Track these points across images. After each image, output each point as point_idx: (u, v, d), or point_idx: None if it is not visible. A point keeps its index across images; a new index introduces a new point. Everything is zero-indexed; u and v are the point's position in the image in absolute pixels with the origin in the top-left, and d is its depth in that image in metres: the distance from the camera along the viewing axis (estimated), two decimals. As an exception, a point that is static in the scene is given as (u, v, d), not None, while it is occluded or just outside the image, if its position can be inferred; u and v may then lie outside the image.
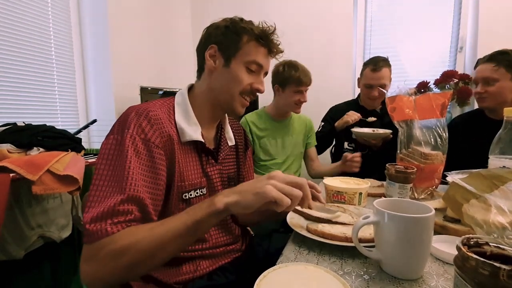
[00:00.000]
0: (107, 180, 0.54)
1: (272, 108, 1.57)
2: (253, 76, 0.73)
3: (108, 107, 1.80)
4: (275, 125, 1.56)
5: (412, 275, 0.48)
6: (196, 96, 0.74)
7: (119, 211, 0.51)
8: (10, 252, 1.04)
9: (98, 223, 0.50)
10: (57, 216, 1.21)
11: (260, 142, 1.54)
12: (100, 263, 0.49)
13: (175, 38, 2.44)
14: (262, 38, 0.72)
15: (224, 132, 0.80)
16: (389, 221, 0.47)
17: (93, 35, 1.77)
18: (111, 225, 0.50)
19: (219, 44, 0.72)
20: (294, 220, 0.70)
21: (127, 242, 0.49)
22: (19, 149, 1.04)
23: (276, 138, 1.56)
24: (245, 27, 0.71)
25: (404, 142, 0.93)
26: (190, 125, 0.69)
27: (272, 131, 1.56)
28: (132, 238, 0.49)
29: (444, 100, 0.92)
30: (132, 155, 0.56)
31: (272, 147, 1.56)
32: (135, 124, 0.59)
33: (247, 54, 0.71)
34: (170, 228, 0.51)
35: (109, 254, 0.49)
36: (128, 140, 0.57)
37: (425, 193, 0.90)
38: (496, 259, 0.32)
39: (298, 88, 1.42)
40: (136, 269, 0.51)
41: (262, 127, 1.55)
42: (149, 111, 0.63)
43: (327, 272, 0.45)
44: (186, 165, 0.68)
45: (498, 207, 0.50)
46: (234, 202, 0.50)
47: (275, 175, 0.52)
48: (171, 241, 0.50)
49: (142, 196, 0.54)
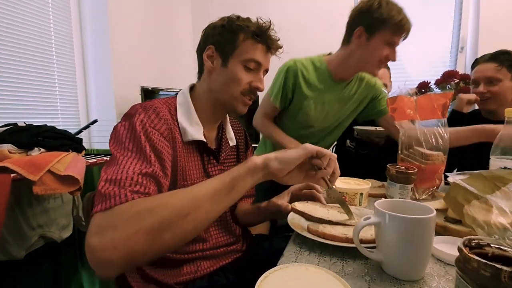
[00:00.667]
0: (128, 150, 0.53)
1: (338, 63, 1.15)
2: (251, 74, 0.72)
3: (109, 108, 1.80)
4: (331, 86, 1.18)
5: (413, 276, 0.47)
6: (197, 96, 0.74)
7: (139, 182, 0.48)
8: (11, 252, 1.04)
9: (116, 187, 0.45)
10: (57, 216, 1.21)
11: (302, 103, 1.18)
12: (117, 230, 0.41)
13: (176, 38, 2.44)
14: (259, 35, 0.70)
15: (225, 132, 0.80)
16: (390, 222, 0.47)
17: (93, 36, 1.78)
18: (131, 192, 0.46)
19: (216, 44, 0.71)
20: (295, 220, 0.70)
21: (157, 201, 0.45)
22: (20, 150, 1.04)
23: (324, 103, 1.20)
24: (241, 25, 0.70)
25: (405, 143, 0.93)
26: (192, 125, 0.69)
27: (323, 94, 1.18)
28: (157, 200, 0.46)
29: (445, 101, 0.92)
30: (143, 133, 0.57)
31: (314, 112, 1.20)
32: (145, 115, 0.60)
33: (244, 52, 0.70)
34: (206, 184, 0.49)
35: (132, 217, 0.42)
36: (138, 125, 0.57)
37: (426, 193, 0.90)
38: (498, 261, 0.32)
39: (394, 37, 1.02)
40: (162, 234, 0.43)
41: (313, 83, 1.17)
42: (155, 107, 0.63)
43: (328, 273, 0.44)
44: (188, 165, 0.68)
45: (499, 208, 0.50)
46: (274, 157, 0.53)
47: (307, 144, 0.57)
48: (206, 197, 0.47)
49: (160, 174, 0.54)
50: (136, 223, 0.42)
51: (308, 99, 1.17)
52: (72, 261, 1.34)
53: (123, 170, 0.49)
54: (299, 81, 1.16)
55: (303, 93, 1.17)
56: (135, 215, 0.43)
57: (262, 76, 0.75)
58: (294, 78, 1.16)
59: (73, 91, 1.75)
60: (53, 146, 1.13)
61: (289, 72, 1.16)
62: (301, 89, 1.16)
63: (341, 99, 1.21)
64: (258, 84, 0.73)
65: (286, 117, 1.27)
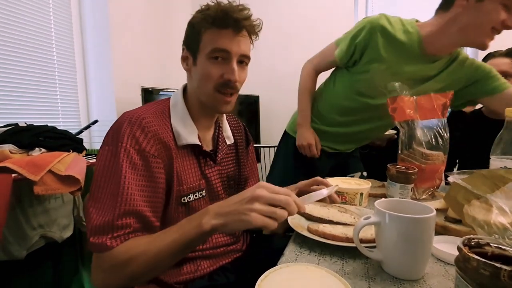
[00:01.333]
0: (104, 193, 0.56)
1: (434, 32, 0.94)
2: (221, 65, 0.65)
3: (109, 108, 1.80)
4: (415, 57, 0.97)
5: (413, 275, 0.48)
6: (189, 96, 0.73)
7: (117, 226, 0.54)
8: (12, 252, 1.04)
9: (99, 237, 0.53)
10: (58, 216, 1.21)
11: (372, 65, 0.99)
12: (106, 273, 0.54)
13: (176, 39, 2.43)
14: (220, 21, 0.62)
15: (221, 131, 0.79)
16: (390, 221, 0.47)
17: (94, 36, 1.78)
18: (111, 239, 0.53)
19: (186, 44, 0.70)
20: (295, 220, 0.70)
21: (127, 256, 0.53)
22: (21, 150, 1.04)
23: (398, 74, 0.97)
24: (201, 15, 0.64)
25: (405, 143, 0.93)
26: (186, 127, 0.68)
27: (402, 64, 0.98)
28: (131, 252, 0.53)
29: (445, 100, 0.92)
30: (127, 168, 0.56)
31: (381, 81, 0.97)
32: (129, 135, 0.58)
33: (207, 44, 0.64)
34: (164, 246, 0.53)
35: (113, 267, 0.53)
36: (122, 154, 0.57)
37: (426, 193, 0.90)
38: (497, 260, 0.32)
39: None
40: (141, 278, 0.56)
41: (396, 45, 0.96)
42: (142, 118, 0.61)
43: (328, 272, 0.45)
44: (184, 169, 0.67)
45: (499, 208, 0.50)
46: (221, 225, 0.51)
47: (259, 195, 0.49)
48: (166, 256, 0.54)
49: (139, 209, 0.56)
50: (117, 272, 0.53)
51: (381, 62, 0.97)
52: (73, 261, 1.34)
53: (102, 213, 0.54)
54: (376, 38, 0.96)
55: (379, 53, 0.96)
56: (115, 266, 0.53)
57: (235, 65, 0.65)
58: (371, 33, 0.96)
59: (74, 91, 1.76)
60: (54, 146, 1.13)
61: (367, 24, 0.97)
62: (377, 48, 0.96)
63: (420, 78, 1.01)
64: (229, 76, 0.64)
65: (344, 78, 1.10)
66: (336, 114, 1.18)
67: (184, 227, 0.54)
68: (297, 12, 2.51)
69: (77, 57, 1.76)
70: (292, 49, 2.47)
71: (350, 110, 1.14)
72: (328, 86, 1.20)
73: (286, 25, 2.47)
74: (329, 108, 1.19)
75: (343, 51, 1.06)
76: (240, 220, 0.49)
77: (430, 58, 0.98)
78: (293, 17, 2.50)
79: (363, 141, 1.31)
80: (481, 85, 1.03)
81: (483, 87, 1.03)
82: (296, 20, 2.50)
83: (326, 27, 2.35)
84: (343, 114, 1.17)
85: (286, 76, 2.41)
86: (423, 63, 0.99)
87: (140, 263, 0.53)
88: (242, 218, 0.49)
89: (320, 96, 1.23)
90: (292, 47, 2.47)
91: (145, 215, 0.57)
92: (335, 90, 1.16)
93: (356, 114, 1.15)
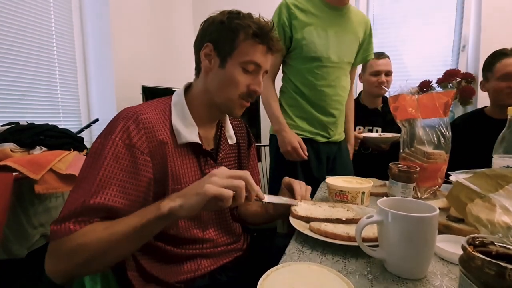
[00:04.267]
0: (80, 181, 0.56)
1: None
2: (250, 76, 0.69)
3: (110, 107, 1.80)
4: (326, 11, 1.19)
5: (416, 274, 0.47)
6: (194, 95, 0.72)
7: (83, 212, 0.53)
8: (13, 251, 1.04)
9: (62, 223, 0.52)
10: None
11: (303, 30, 1.17)
12: (58, 260, 0.52)
13: (177, 37, 2.44)
14: (260, 35, 0.66)
15: (224, 130, 0.79)
16: (393, 220, 0.46)
17: (95, 34, 1.78)
18: (74, 223, 0.52)
19: (214, 43, 0.68)
20: (297, 219, 0.69)
21: (81, 241, 0.51)
22: (21, 148, 1.04)
23: (325, 29, 1.19)
24: (241, 23, 0.65)
25: (407, 142, 0.92)
26: (186, 126, 0.67)
27: (321, 20, 1.18)
28: (86, 237, 0.51)
29: (447, 99, 0.91)
30: (110, 158, 0.56)
31: (318, 39, 1.18)
32: (121, 129, 0.58)
33: (243, 53, 0.66)
34: (119, 230, 0.52)
35: (66, 252, 0.51)
36: (109, 145, 0.57)
37: (428, 192, 0.90)
38: (502, 259, 0.32)
39: None
40: (89, 267, 0.53)
41: (308, 9, 1.18)
42: (139, 114, 0.61)
43: (330, 271, 0.44)
44: (182, 168, 0.67)
45: (503, 207, 0.50)
46: (178, 206, 0.50)
47: (217, 172, 0.52)
48: (120, 243, 0.52)
49: (110, 204, 0.55)
50: (68, 259, 0.52)
51: (308, 25, 1.16)
52: (73, 260, 1.34)
53: (74, 201, 0.54)
54: (293, 12, 1.16)
55: (301, 21, 1.16)
56: (68, 251, 0.51)
57: (261, 78, 0.71)
58: (287, 10, 1.16)
59: (75, 90, 1.75)
60: (55, 145, 1.13)
61: (281, 7, 1.18)
62: (297, 19, 1.16)
63: (341, 27, 1.21)
64: (256, 88, 0.70)
65: (292, 59, 1.24)
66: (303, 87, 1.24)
67: (146, 211, 0.53)
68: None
69: (78, 56, 1.76)
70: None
71: (319, 77, 1.23)
72: (290, 75, 1.28)
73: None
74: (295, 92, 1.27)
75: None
76: (196, 193, 0.50)
77: (336, 8, 1.20)
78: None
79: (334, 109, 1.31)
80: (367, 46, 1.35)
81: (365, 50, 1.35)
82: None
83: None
84: (315, 83, 1.23)
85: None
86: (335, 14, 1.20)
87: (92, 249, 0.51)
88: (197, 191, 0.50)
89: (283, 94, 1.32)
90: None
91: (116, 209, 0.55)
92: (295, 71, 1.25)
93: (326, 78, 1.23)
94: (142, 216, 0.52)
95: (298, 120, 1.27)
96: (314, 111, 1.26)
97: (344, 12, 1.22)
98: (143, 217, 0.52)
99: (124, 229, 0.52)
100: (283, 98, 1.32)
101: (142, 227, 0.51)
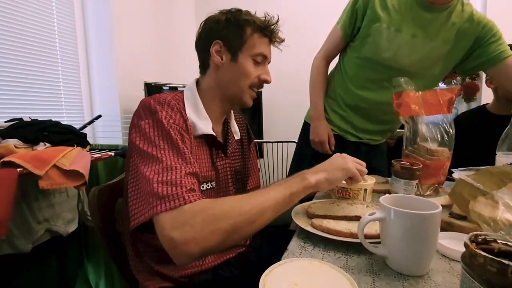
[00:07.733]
0: (165, 150, 0.55)
1: None
2: (259, 67, 0.74)
3: (113, 103, 1.80)
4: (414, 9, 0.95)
5: (418, 271, 0.47)
6: (204, 91, 0.74)
7: (188, 182, 0.53)
8: (17, 246, 1.05)
9: (173, 187, 0.50)
10: (63, 211, 1.22)
11: (372, 27, 0.98)
12: (195, 228, 0.48)
13: (179, 34, 2.43)
14: (265, 29, 0.72)
15: (230, 126, 0.81)
16: (395, 217, 0.46)
17: (97, 31, 1.77)
18: (187, 192, 0.51)
19: (224, 39, 0.71)
20: (299, 215, 0.70)
21: (227, 207, 0.52)
22: (25, 144, 1.04)
23: (400, 31, 0.96)
24: (248, 19, 0.71)
25: (410, 139, 0.92)
26: (200, 119, 0.69)
27: (401, 18, 0.96)
28: (232, 202, 0.53)
29: (451, 96, 0.91)
30: (173, 134, 0.58)
31: (385, 41, 0.97)
32: (161, 111, 0.60)
33: (252, 46, 0.71)
34: (270, 197, 0.55)
35: (208, 219, 0.49)
36: (165, 122, 0.59)
37: (431, 189, 0.90)
38: (504, 257, 0.32)
39: None
40: (234, 235, 0.51)
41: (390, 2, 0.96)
42: (168, 101, 0.63)
43: (332, 267, 0.45)
44: (198, 158, 0.68)
45: (506, 204, 0.49)
46: (324, 179, 0.61)
47: (345, 156, 0.67)
48: (270, 207, 0.55)
49: (197, 171, 0.57)
50: (213, 224, 0.49)
51: (380, 21, 0.96)
52: (77, 254, 1.36)
53: (170, 170, 0.53)
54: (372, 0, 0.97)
55: (376, 13, 0.96)
56: (211, 217, 0.49)
57: (268, 68, 0.77)
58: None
59: (77, 86, 1.76)
60: (58, 141, 1.14)
61: None
62: (373, 8, 0.96)
63: (427, 32, 0.95)
64: (266, 77, 0.75)
65: (350, 56, 1.11)
66: (354, 87, 1.14)
67: (288, 182, 0.59)
68: (300, 9, 2.49)
69: (80, 52, 1.76)
70: (295, 46, 2.43)
71: (371, 89, 1.10)
72: (341, 72, 1.19)
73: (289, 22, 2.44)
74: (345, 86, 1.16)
75: (346, 22, 1.10)
76: (341, 169, 0.63)
77: (432, 8, 0.94)
78: (296, 14, 2.48)
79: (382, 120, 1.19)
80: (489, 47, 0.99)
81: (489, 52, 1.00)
82: (299, 17, 2.47)
83: (330, 24, 2.33)
84: (360, 86, 1.13)
85: (289, 73, 2.39)
86: (425, 15, 0.95)
87: (243, 212, 0.51)
88: (342, 167, 0.64)
89: (333, 79, 1.23)
90: (295, 44, 2.44)
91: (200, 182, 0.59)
92: (348, 69, 1.15)
93: (374, 82, 1.10)
94: (287, 187, 0.58)
95: (331, 114, 1.21)
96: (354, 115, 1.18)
97: (442, 14, 0.95)
98: (289, 187, 0.58)
99: (273, 197, 0.55)
100: (335, 86, 1.21)
101: (290, 195, 0.57)
